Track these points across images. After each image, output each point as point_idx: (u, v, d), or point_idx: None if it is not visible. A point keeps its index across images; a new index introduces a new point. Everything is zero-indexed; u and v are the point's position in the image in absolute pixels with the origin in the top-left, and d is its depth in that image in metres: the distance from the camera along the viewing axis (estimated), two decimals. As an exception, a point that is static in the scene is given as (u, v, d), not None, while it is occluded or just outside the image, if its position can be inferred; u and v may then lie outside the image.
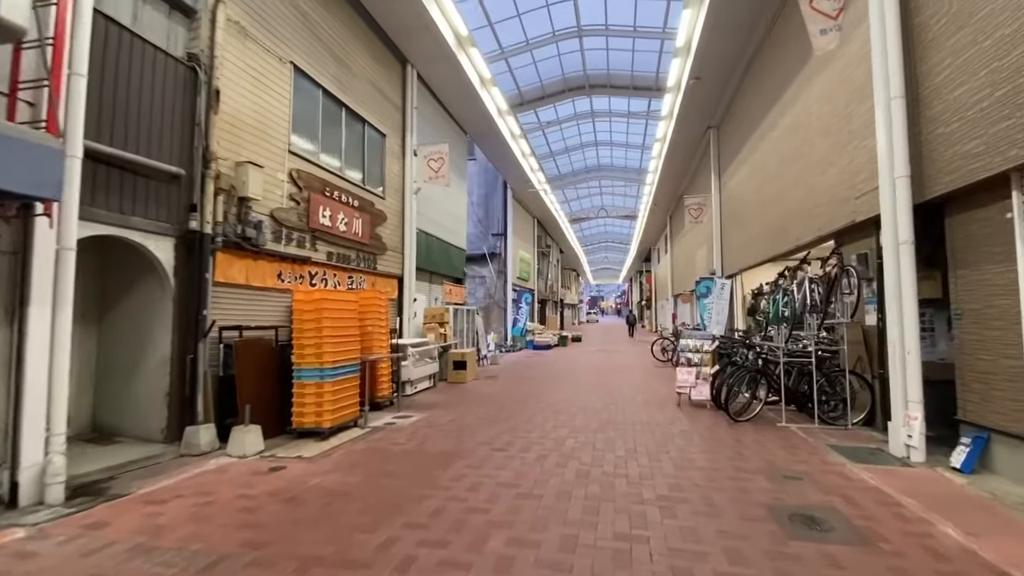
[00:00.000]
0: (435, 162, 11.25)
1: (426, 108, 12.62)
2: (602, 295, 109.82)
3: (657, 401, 8.35)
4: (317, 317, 6.13)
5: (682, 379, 7.92)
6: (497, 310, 22.27)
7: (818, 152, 7.90)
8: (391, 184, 10.75)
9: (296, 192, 7.61)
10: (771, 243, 10.35)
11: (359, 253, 9.37)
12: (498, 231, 22.48)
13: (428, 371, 9.93)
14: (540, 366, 14.24)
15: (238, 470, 4.89)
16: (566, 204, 31.43)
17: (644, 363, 14.88)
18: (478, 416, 7.27)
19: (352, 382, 6.59)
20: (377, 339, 8.02)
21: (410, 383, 9.19)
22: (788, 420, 6.72)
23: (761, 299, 13.87)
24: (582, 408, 7.77)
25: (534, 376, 11.90)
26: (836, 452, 5.41)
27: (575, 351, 19.93)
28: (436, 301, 13.37)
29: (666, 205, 25.50)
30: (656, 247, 36.13)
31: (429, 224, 12.69)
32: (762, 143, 10.75)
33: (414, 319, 11.15)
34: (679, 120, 14.91)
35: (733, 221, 13.89)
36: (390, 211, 10.60)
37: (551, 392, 9.44)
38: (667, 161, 18.40)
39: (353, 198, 9.08)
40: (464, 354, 10.88)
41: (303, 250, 7.78)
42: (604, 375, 12.02)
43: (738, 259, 13.50)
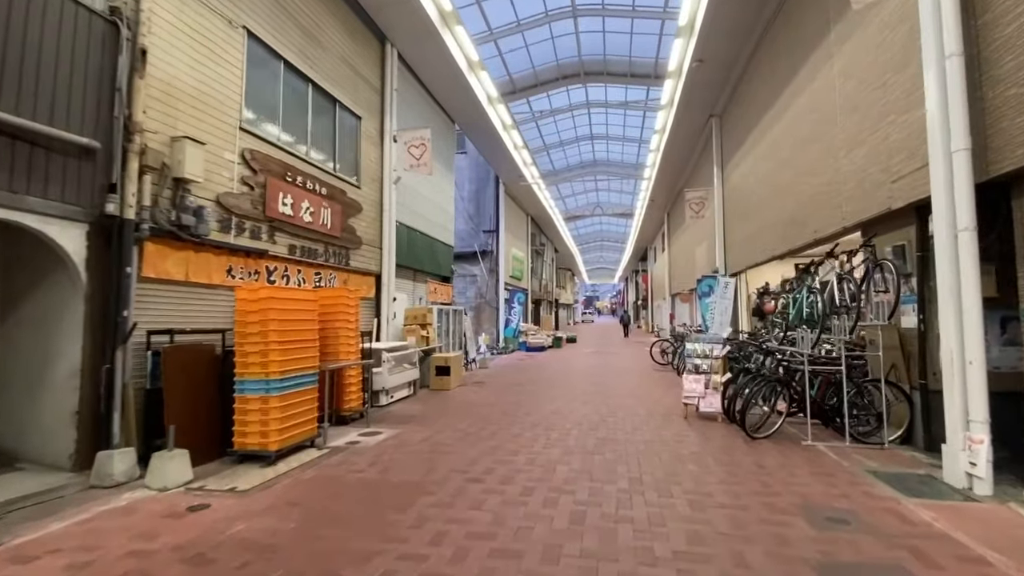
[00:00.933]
0: (416, 148, 10.30)
1: (409, 92, 11.66)
2: (598, 295, 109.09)
3: (661, 413, 7.44)
4: (262, 319, 5.17)
5: (689, 388, 7.02)
6: (489, 310, 21.34)
7: (843, 133, 7.02)
8: (367, 172, 9.79)
9: (250, 176, 6.64)
10: (783, 237, 9.47)
11: (328, 247, 8.41)
12: (490, 228, 21.55)
13: (407, 378, 8.98)
14: (532, 370, 13.32)
15: (150, 509, 3.94)
16: (560, 201, 30.53)
17: (643, 366, 13.99)
18: (457, 432, 6.33)
19: (307, 395, 5.63)
20: (345, 344, 7.07)
21: (385, 392, 8.24)
22: (814, 437, 5.82)
23: (768, 298, 13.06)
24: (577, 422, 6.84)
25: (525, 382, 10.98)
26: (880, 480, 4.52)
27: (570, 353, 19.03)
28: (420, 301, 12.42)
29: (664, 202, 24.66)
30: (653, 245, 35.32)
31: (412, 217, 11.74)
32: (772, 129, 9.87)
33: (394, 320, 10.20)
34: (680, 109, 14.04)
35: (737, 215, 13.03)
36: (366, 202, 9.65)
37: (542, 401, 8.51)
38: (666, 154, 17.53)
39: (321, 185, 8.12)
40: (448, 359, 9.94)
41: (259, 242, 6.81)
42: (601, 380, 11.11)
43: (743, 256, 12.64)
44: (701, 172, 16.57)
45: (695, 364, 7.15)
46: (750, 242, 11.88)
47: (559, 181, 25.92)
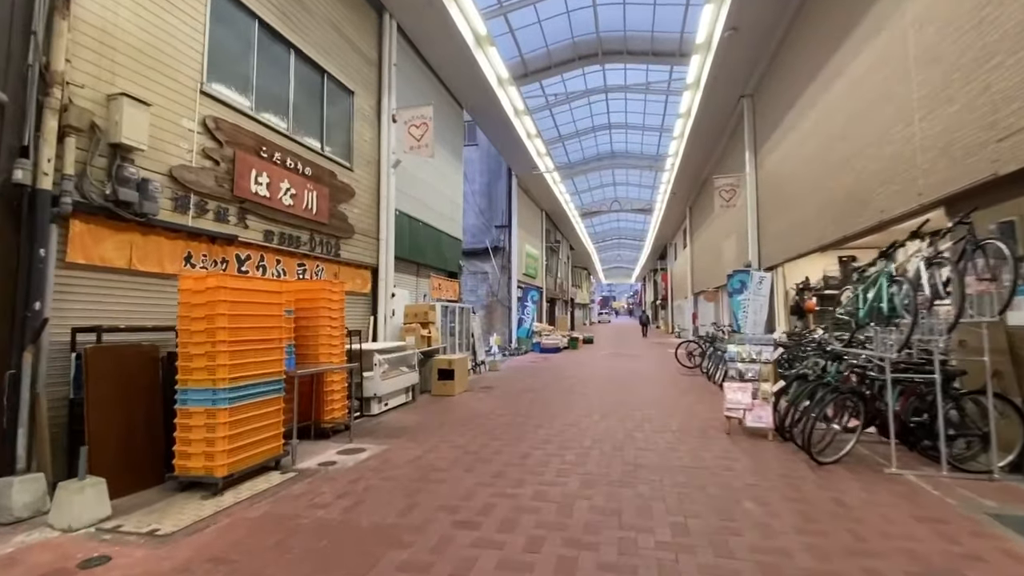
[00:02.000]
0: (417, 128, 9.30)
1: (410, 69, 10.68)
2: (614, 295, 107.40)
3: (697, 427, 6.29)
4: (210, 314, 4.19)
5: (733, 399, 5.86)
6: (501, 309, 20.30)
7: (920, 91, 5.80)
8: (362, 153, 8.82)
9: (214, 148, 5.69)
10: (834, 223, 8.22)
11: (314, 235, 7.45)
12: (502, 223, 20.51)
13: (404, 383, 7.97)
14: (546, 373, 12.22)
15: (36, 562, 2.97)
16: (576, 196, 29.35)
17: (668, 370, 12.79)
18: (454, 451, 5.28)
19: (269, 407, 4.64)
20: (326, 344, 6.09)
21: (377, 399, 7.24)
22: (899, 463, 4.62)
23: (808, 294, 11.77)
24: (597, 439, 5.73)
25: (538, 387, 9.89)
26: (1010, 528, 3.34)
27: (586, 355, 17.87)
28: (425, 298, 11.43)
29: (686, 194, 23.31)
30: (673, 242, 33.89)
31: (415, 207, 10.75)
32: (820, 101, 8.63)
33: (392, 319, 9.21)
34: (708, 89, 12.81)
35: (773, 203, 11.75)
36: (360, 186, 8.68)
37: (557, 411, 7.42)
38: (691, 140, 16.26)
39: (304, 165, 7.16)
40: (451, 361, 8.91)
41: (225, 225, 5.85)
42: (622, 386, 9.96)
43: (780, 248, 11.36)
44: (730, 159, 15.28)
45: (739, 370, 5.98)
46: (789, 232, 10.61)
47: (575, 174, 24.79)
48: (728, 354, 6.12)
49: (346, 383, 6.29)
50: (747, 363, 5.96)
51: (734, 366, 6.04)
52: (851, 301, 5.93)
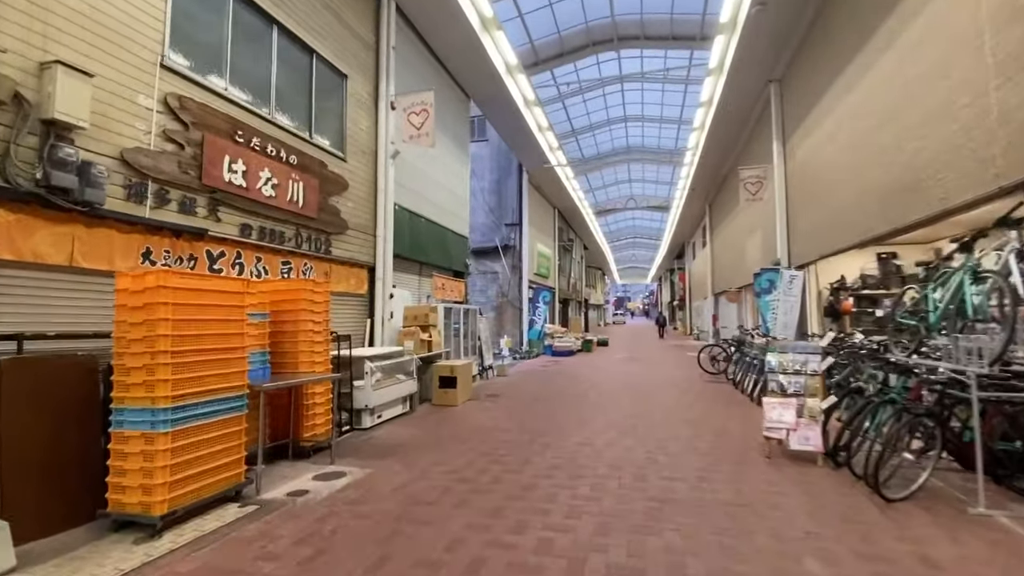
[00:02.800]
0: (417, 115, 8.60)
1: (411, 54, 9.99)
2: (629, 295, 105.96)
3: (731, 448, 5.45)
4: (149, 319, 3.51)
5: (774, 418, 5.01)
6: (511, 310, 19.55)
7: (997, 53, 4.89)
8: (357, 143, 8.14)
9: (178, 130, 5.04)
10: (881, 215, 7.29)
11: (301, 230, 6.78)
12: (512, 221, 19.77)
13: (400, 392, 7.26)
14: (558, 379, 11.42)
15: None
16: (590, 194, 28.47)
17: (689, 376, 11.90)
18: (446, 478, 4.53)
19: (227, 428, 3.95)
20: (307, 352, 5.40)
21: (369, 411, 6.54)
22: (988, 501, 3.75)
23: (844, 294, 10.79)
24: (614, 464, 4.94)
25: (548, 396, 9.10)
26: None
27: (601, 358, 17.01)
28: (429, 299, 10.73)
29: (706, 190, 22.28)
30: (691, 241, 32.78)
31: (417, 201, 10.06)
32: (861, 79, 7.70)
33: (390, 321, 8.52)
34: (732, 73, 11.90)
35: (805, 196, 10.80)
36: (355, 178, 8.00)
37: (567, 426, 6.64)
38: (712, 131, 15.32)
39: (289, 153, 6.50)
40: (454, 367, 8.17)
41: (191, 218, 5.20)
42: (641, 395, 9.12)
43: (812, 244, 10.41)
44: (755, 150, 14.31)
45: (780, 384, 5.13)
46: (823, 227, 9.66)
47: (589, 170, 23.93)
48: (768, 365, 5.26)
49: (331, 395, 5.58)
50: (790, 375, 5.10)
51: (775, 379, 5.19)
52: (917, 303, 5.04)
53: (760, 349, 9.03)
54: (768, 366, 5.26)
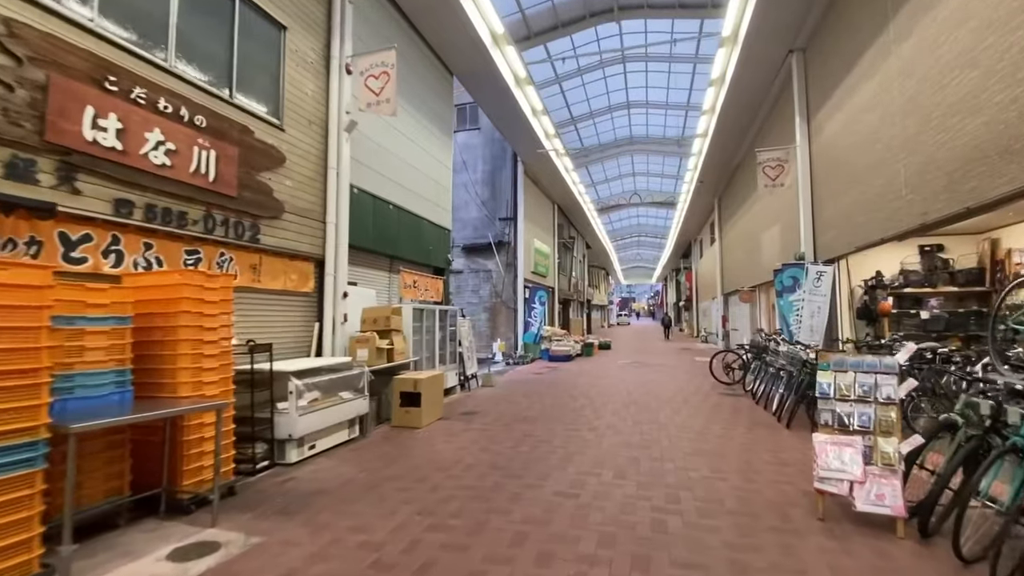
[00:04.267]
0: (376, 79, 7.19)
1: (376, 15, 8.59)
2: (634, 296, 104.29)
3: (770, 501, 4.00)
4: None
5: (832, 464, 3.56)
6: (506, 311, 18.12)
7: None
8: (299, 109, 6.74)
9: (8, 66, 3.66)
10: (946, 193, 5.79)
11: (213, 211, 5.37)
12: (507, 215, 18.35)
13: (343, 415, 5.84)
14: (550, 391, 9.97)
15: None
16: (592, 188, 27.00)
17: (701, 387, 10.41)
18: (359, 560, 3.10)
19: (3, 492, 2.55)
20: (191, 369, 4.00)
21: (296, 442, 5.12)
22: None
23: (882, 293, 9.29)
24: (606, 533, 3.49)
25: (535, 414, 7.65)
26: None
27: (602, 364, 15.53)
28: (402, 300, 9.31)
29: (716, 183, 20.76)
30: (698, 238, 31.23)
31: (385, 186, 8.65)
32: (923, 20, 6.20)
33: (344, 325, 7.10)
34: (747, 43, 10.43)
35: (834, 179, 9.31)
36: (295, 152, 6.60)
37: (552, 461, 5.19)
38: (724, 113, 13.82)
39: (195, 112, 5.10)
40: (418, 381, 6.74)
41: (29, 187, 3.80)
42: (646, 413, 7.66)
43: (843, 235, 8.92)
44: (773, 133, 12.82)
45: (838, 416, 3.67)
46: (859, 213, 8.16)
47: (589, 162, 22.48)
48: (819, 388, 3.79)
49: (223, 428, 4.16)
50: (853, 403, 3.64)
51: (830, 408, 3.73)
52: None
53: (789, 359, 7.55)
54: (819, 390, 3.80)
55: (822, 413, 3.75)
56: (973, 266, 8.75)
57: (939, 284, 8.93)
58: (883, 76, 7.20)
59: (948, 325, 8.63)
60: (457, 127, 19.43)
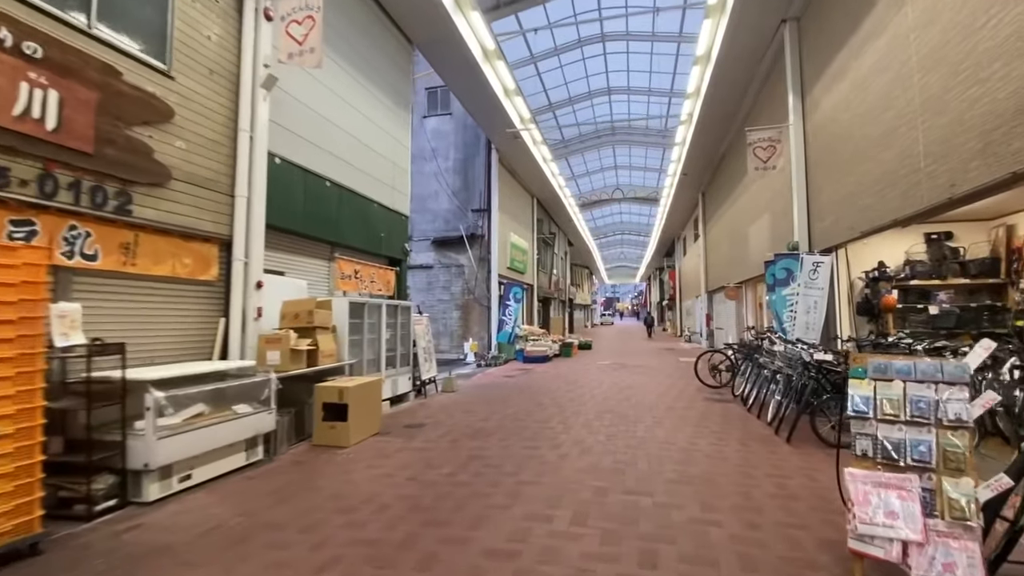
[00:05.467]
0: (299, 25, 5.96)
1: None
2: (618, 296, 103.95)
3: (783, 561, 2.89)
4: None
5: (875, 517, 2.45)
6: (479, 309, 16.94)
7: None
8: (197, 55, 5.48)
9: None
10: (983, 158, 4.78)
11: (56, 170, 4.09)
12: (480, 206, 17.17)
13: (235, 435, 4.60)
14: (518, 398, 8.81)
15: None
16: (573, 182, 25.95)
17: (685, 390, 9.36)
18: None
19: None
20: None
21: (154, 473, 3.87)
22: None
23: (886, 286, 8.34)
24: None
25: (493, 427, 6.48)
26: None
27: (581, 365, 14.43)
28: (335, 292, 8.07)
29: (700, 175, 19.83)
30: (682, 235, 30.41)
31: (323, 160, 7.41)
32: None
33: (258, 321, 5.85)
34: (736, 12, 9.42)
35: (834, 158, 8.33)
36: (190, 106, 5.34)
37: (495, 499, 4.03)
38: (710, 96, 12.82)
39: (23, 35, 3.83)
40: (345, 389, 5.52)
41: None
42: (623, 425, 6.55)
43: (843, 221, 7.94)
44: (764, 114, 11.85)
45: (883, 444, 2.56)
46: (863, 195, 7.17)
47: (569, 153, 21.42)
48: (853, 404, 2.68)
49: (33, 457, 2.90)
50: (905, 426, 2.54)
51: (867, 432, 2.62)
52: None
53: (787, 360, 6.51)
54: (852, 406, 2.69)
55: (858, 440, 2.64)
56: (986, 255, 7.85)
57: (948, 276, 8.01)
58: (895, 32, 6.20)
59: (960, 321, 7.69)
60: (428, 112, 18.23)
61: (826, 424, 5.48)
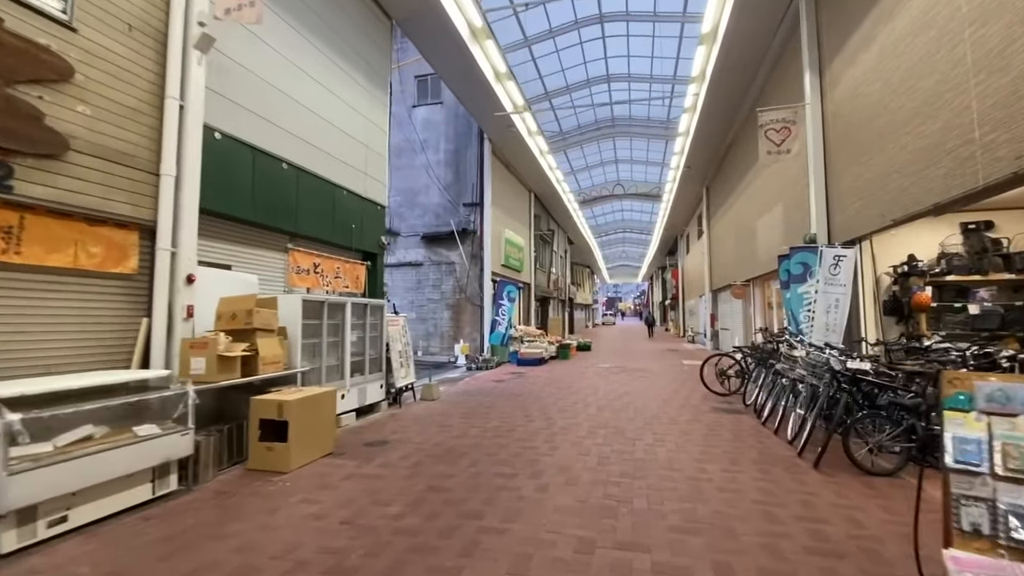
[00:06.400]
0: (237, -25, 5.08)
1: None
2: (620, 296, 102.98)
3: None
4: None
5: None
6: (471, 309, 16.05)
7: None
8: (113, 7, 4.59)
9: None
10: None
11: None
12: (472, 200, 16.28)
13: (139, 462, 3.72)
14: (503, 406, 7.92)
15: None
16: (572, 176, 25.04)
17: (690, 397, 8.45)
18: None
19: None
20: None
21: (9, 518, 2.99)
22: None
23: (918, 282, 7.41)
24: None
25: (467, 446, 5.59)
26: None
27: (578, 368, 13.52)
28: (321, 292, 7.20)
29: (704, 169, 18.90)
30: (685, 233, 29.46)
31: (279, 139, 6.53)
32: None
33: (186, 323, 4.96)
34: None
35: (857, 142, 7.41)
36: (100, 66, 4.47)
37: (448, 555, 3.14)
38: (716, 79, 11.89)
39: None
40: (285, 404, 4.64)
41: None
42: (620, 443, 5.65)
43: (872, 208, 7.01)
44: (775, 95, 10.91)
45: (1004, 513, 1.64)
46: (899, 176, 6.24)
47: (568, 146, 20.52)
48: (955, 449, 1.77)
49: None
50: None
51: (980, 495, 1.70)
52: None
53: (811, 367, 5.59)
54: (957, 454, 1.77)
55: (965, 508, 1.73)
56: None
57: (989, 271, 7.09)
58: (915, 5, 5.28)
59: (1004, 322, 6.77)
60: (417, 101, 17.35)
61: (862, 446, 4.57)
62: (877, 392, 5.05)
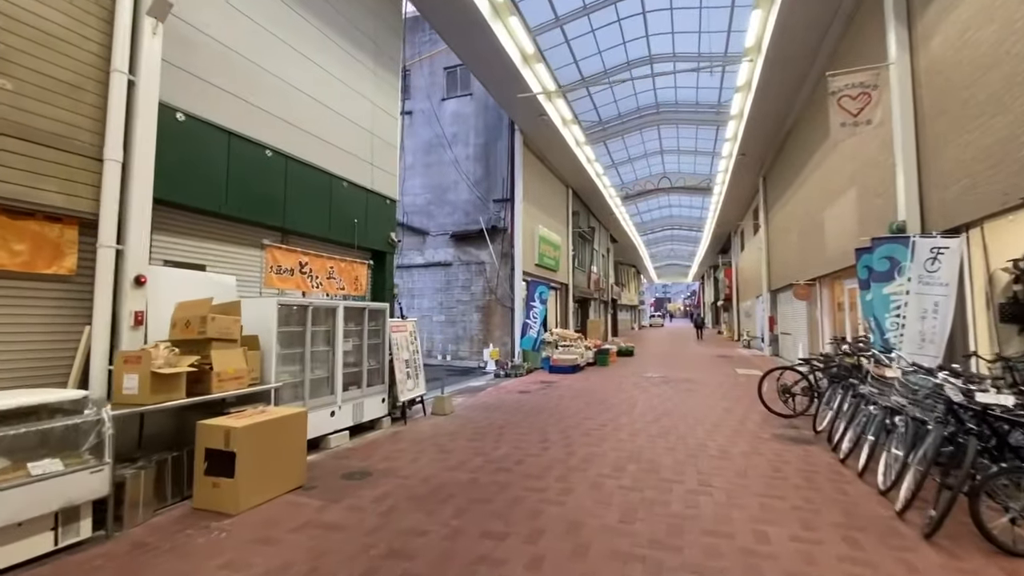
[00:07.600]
0: (190, -76, 4.33)
1: None
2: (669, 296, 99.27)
3: None
4: None
5: None
6: (501, 311, 15.11)
7: None
8: (39, -37, 3.95)
9: None
10: None
11: None
12: (503, 196, 15.35)
13: (32, 507, 2.97)
14: (520, 426, 6.89)
15: None
16: (613, 170, 23.57)
17: (746, 423, 7.09)
18: None
19: None
20: None
21: None
22: None
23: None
24: None
25: (462, 484, 4.61)
26: None
27: (615, 377, 12.26)
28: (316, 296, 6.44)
29: (760, 156, 17.09)
30: (739, 228, 27.31)
31: (262, 122, 5.82)
32: None
33: (134, 331, 4.26)
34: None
35: (964, 104, 5.85)
36: (26, 33, 3.82)
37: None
38: (773, 49, 10.33)
39: None
40: (233, 430, 3.82)
41: None
42: (653, 493, 4.49)
43: (988, 186, 5.47)
44: (848, 60, 9.24)
45: None
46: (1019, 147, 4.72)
47: (608, 136, 19.17)
48: None
49: None
50: None
51: None
52: None
53: (912, 394, 4.22)
54: None
55: None
56: None
57: None
58: None
59: None
60: (447, 94, 16.61)
61: (1000, 513, 3.22)
62: (1008, 429, 3.66)
